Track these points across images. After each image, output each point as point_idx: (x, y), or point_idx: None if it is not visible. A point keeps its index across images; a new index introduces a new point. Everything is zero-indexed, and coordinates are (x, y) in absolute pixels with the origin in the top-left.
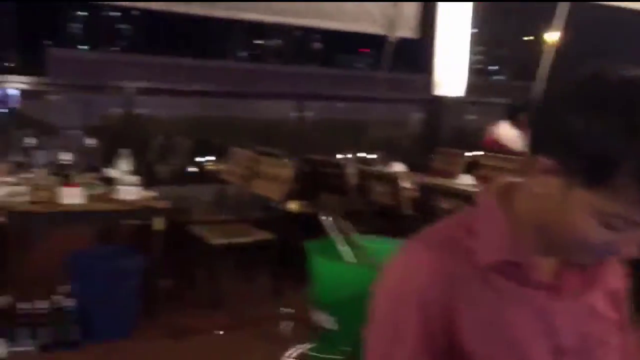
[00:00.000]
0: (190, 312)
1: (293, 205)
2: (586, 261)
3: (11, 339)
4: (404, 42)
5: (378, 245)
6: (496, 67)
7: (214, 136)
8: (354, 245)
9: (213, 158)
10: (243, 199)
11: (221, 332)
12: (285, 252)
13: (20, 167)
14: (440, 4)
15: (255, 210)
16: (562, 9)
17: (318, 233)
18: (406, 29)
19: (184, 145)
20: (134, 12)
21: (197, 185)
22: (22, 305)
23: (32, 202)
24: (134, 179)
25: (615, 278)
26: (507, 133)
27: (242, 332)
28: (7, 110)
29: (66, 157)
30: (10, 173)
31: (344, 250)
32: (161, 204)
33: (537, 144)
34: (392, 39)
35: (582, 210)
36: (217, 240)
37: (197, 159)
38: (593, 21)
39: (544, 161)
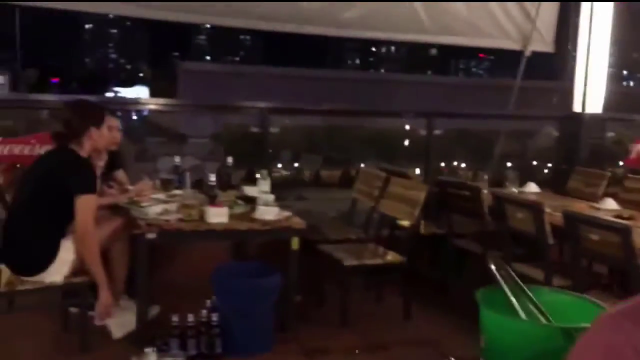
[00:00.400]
0: (319, 331)
1: (423, 227)
2: None
3: (161, 349)
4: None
5: (550, 296)
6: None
7: (339, 149)
8: (523, 296)
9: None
10: (372, 216)
11: (357, 352)
12: (415, 274)
13: (169, 184)
14: (581, 17)
15: (383, 228)
16: None
17: (446, 256)
18: (541, 43)
19: (312, 161)
20: None
21: (325, 200)
22: (173, 317)
23: (181, 220)
24: (272, 198)
25: None
26: None
27: (373, 356)
28: (138, 118)
29: (212, 178)
30: (159, 190)
31: (517, 304)
32: (297, 224)
33: None
34: (527, 53)
35: None
36: (350, 261)
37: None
38: None
39: None
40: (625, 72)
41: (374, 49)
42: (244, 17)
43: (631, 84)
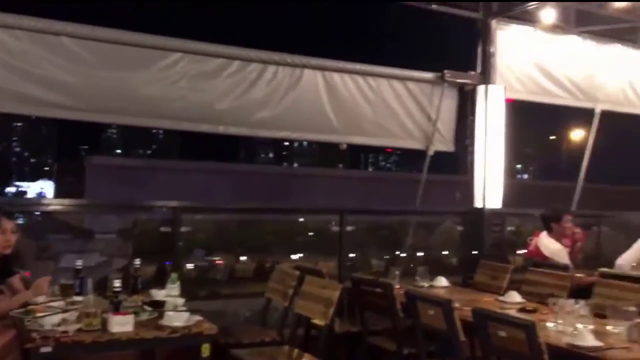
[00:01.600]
0: None
1: (338, 325)
2: None
3: None
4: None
5: None
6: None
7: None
8: None
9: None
10: (286, 316)
11: None
12: None
13: (68, 290)
14: (477, 118)
15: (299, 328)
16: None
17: (362, 355)
18: (442, 143)
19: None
20: None
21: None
22: None
23: (80, 331)
24: (181, 302)
25: None
26: (550, 246)
27: None
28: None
29: (117, 283)
30: (57, 297)
31: None
32: (208, 329)
33: None
34: (430, 152)
35: None
36: None
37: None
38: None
39: None
40: (521, 166)
41: (286, 143)
42: (156, 117)
43: (525, 176)
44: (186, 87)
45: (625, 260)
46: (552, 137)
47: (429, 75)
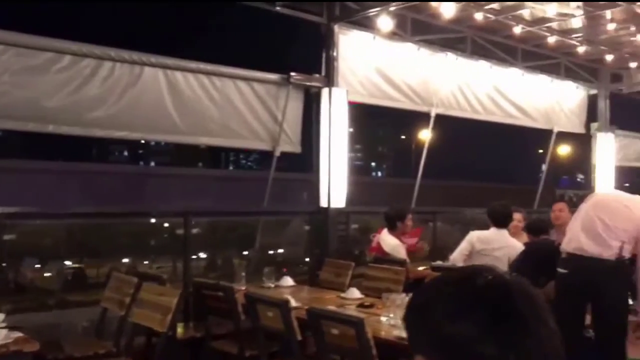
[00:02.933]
0: None
1: (180, 330)
2: None
3: None
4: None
5: None
6: (376, 164)
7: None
8: None
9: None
10: (123, 326)
11: None
12: None
13: None
14: (322, 118)
15: (137, 337)
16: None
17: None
18: (289, 144)
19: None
20: None
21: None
22: None
23: None
24: (1, 317)
25: None
26: (389, 242)
27: None
28: None
29: None
30: None
31: None
32: (29, 346)
33: (414, 344)
34: (277, 153)
35: None
36: None
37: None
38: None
39: None
40: (375, 164)
41: (143, 141)
42: None
43: (379, 174)
44: (9, 82)
45: (456, 253)
46: (402, 137)
47: (274, 76)
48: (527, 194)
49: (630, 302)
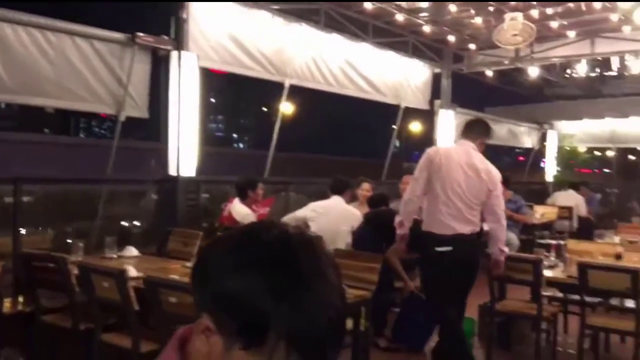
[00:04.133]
0: None
1: (8, 305)
2: None
3: None
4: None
5: None
6: (237, 135)
7: None
8: None
9: None
10: None
11: None
12: None
13: None
14: (171, 83)
15: None
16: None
17: (38, 335)
18: (135, 109)
19: None
20: None
21: None
22: None
23: None
24: None
25: None
26: (240, 211)
27: None
28: None
29: None
30: None
31: None
32: None
33: (199, 302)
34: (121, 118)
35: None
36: None
37: None
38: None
39: (206, 320)
40: (238, 136)
41: None
42: None
43: (241, 146)
44: None
45: (289, 217)
46: (264, 109)
47: (118, 35)
48: (379, 167)
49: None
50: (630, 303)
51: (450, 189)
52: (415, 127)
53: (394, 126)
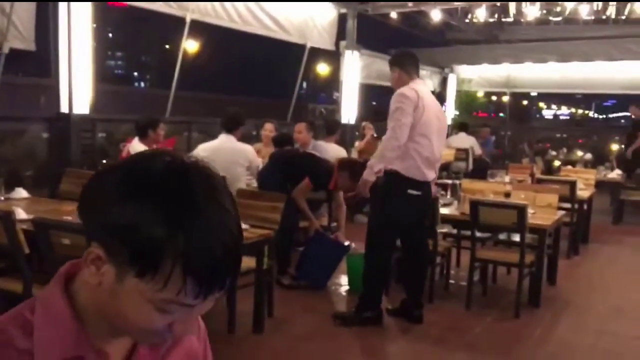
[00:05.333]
0: None
1: None
2: (155, 342)
3: None
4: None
5: None
6: (138, 74)
7: None
8: None
9: None
10: None
11: None
12: None
13: None
14: (60, 13)
15: None
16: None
17: None
18: (20, 41)
19: None
20: None
21: None
22: None
23: None
24: None
25: (192, 343)
26: (139, 150)
27: None
28: None
29: None
30: None
31: None
32: None
33: (89, 232)
34: (5, 50)
35: (137, 299)
36: None
37: None
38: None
39: (96, 249)
40: (135, 74)
41: None
42: None
43: (142, 84)
44: None
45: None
46: (167, 47)
47: None
48: (285, 108)
49: None
50: (516, 237)
51: (427, 136)
52: (322, 68)
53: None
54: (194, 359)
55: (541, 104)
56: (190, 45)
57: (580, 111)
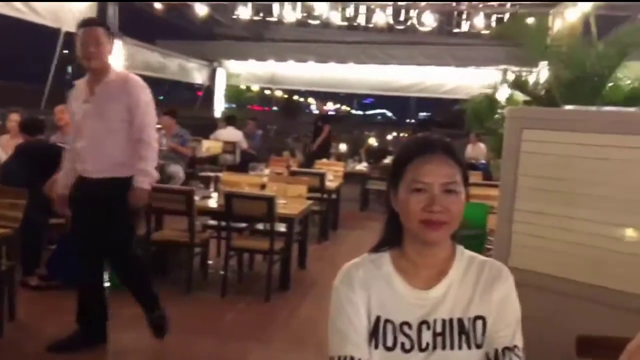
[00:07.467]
0: None
1: None
2: None
3: None
4: None
5: None
6: None
7: None
8: None
9: None
10: None
11: None
12: None
13: None
14: None
15: None
16: None
17: None
18: None
19: None
20: None
21: None
22: None
23: None
24: None
25: None
26: None
27: None
28: None
29: None
30: None
31: None
32: None
33: None
34: None
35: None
36: None
37: None
38: None
39: None
40: None
41: None
42: None
43: None
44: None
45: None
46: None
47: None
48: (38, 93)
49: None
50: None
51: None
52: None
53: (66, 51)
54: None
55: (310, 100)
56: None
57: (344, 107)
